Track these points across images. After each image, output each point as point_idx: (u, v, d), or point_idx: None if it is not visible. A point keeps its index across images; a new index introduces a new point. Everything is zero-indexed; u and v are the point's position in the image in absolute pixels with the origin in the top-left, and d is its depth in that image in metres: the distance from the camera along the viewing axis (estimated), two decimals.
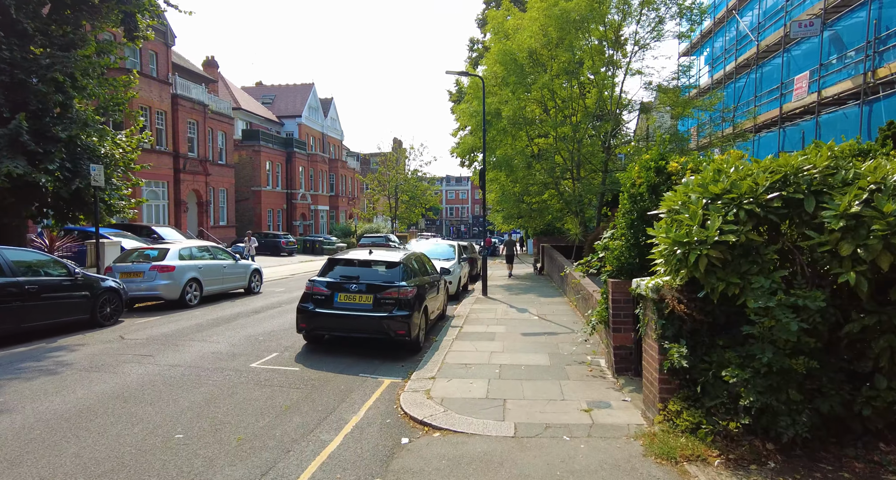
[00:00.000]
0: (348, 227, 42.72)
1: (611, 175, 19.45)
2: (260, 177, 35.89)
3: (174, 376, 5.85)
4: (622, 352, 5.92)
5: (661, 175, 5.85)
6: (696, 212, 3.82)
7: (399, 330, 7.00)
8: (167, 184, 25.18)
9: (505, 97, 17.54)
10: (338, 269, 7.54)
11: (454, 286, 13.05)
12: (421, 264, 8.75)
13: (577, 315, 10.22)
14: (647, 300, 4.53)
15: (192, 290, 11.26)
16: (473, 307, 11.31)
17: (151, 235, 19.04)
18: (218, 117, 30.91)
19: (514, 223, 24.52)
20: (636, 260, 5.82)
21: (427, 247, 14.79)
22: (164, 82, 24.48)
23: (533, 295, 13.45)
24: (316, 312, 7.09)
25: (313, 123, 45.16)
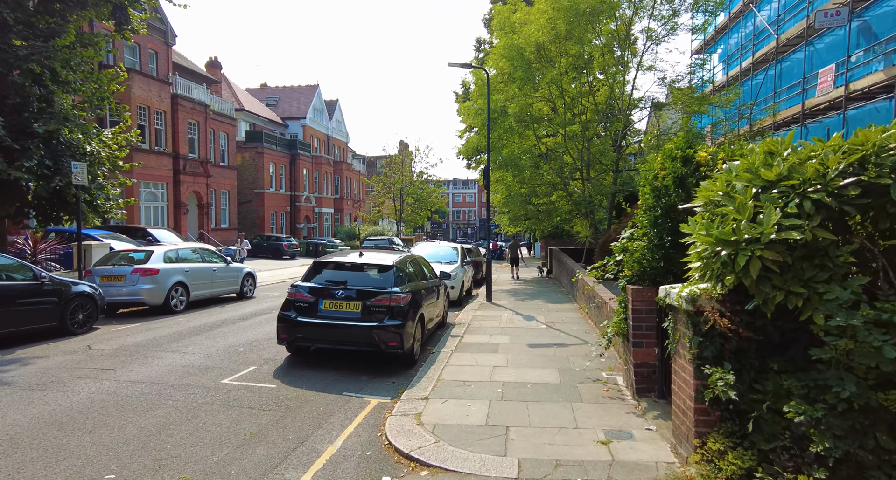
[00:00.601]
0: (353, 230, 42.14)
1: (622, 175, 18.65)
2: (263, 178, 35.42)
3: (131, 395, 5.15)
4: (644, 370, 5.14)
5: (689, 165, 5.07)
6: (745, 203, 3.05)
7: (391, 342, 6.26)
8: (166, 185, 24.70)
9: (511, 93, 16.81)
10: (324, 273, 6.83)
11: (456, 291, 12.30)
12: (418, 268, 8.02)
13: (588, 323, 9.42)
14: (678, 312, 3.76)
15: (178, 295, 10.61)
16: (476, 314, 10.54)
17: (146, 237, 18.50)
18: (220, 118, 30.48)
19: (520, 225, 23.73)
20: (660, 263, 5.05)
21: (429, 250, 14.06)
22: (163, 82, 24.05)
23: (540, 301, 12.65)
24: (298, 321, 6.37)
25: (318, 125, 44.73)
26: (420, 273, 7.98)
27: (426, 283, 7.94)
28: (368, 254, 7.30)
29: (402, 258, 7.35)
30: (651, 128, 18.48)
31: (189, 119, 26.59)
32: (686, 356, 3.62)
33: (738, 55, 21.60)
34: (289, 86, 45.62)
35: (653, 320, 5.10)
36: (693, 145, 5.21)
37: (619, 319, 5.53)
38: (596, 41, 17.28)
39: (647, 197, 5.24)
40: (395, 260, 7.00)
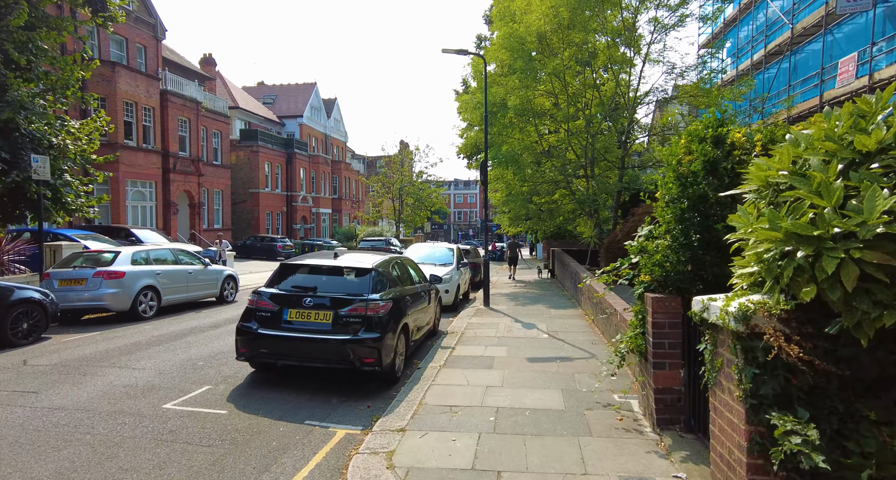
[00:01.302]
0: (351, 231, 41.29)
1: (627, 172, 17.73)
2: (258, 178, 34.61)
3: (41, 428, 4.26)
4: (667, 397, 4.23)
5: (721, 147, 4.18)
6: (830, 183, 2.15)
7: (366, 358, 5.37)
8: (155, 184, 23.88)
9: (511, 86, 15.92)
10: (292, 278, 5.94)
11: (451, 295, 11.40)
12: (403, 271, 7.12)
13: (595, 332, 8.51)
14: (722, 332, 2.85)
15: (148, 300, 9.74)
16: (472, 321, 9.64)
17: (129, 238, 17.66)
18: (213, 116, 29.68)
19: (521, 225, 22.83)
20: (687, 266, 4.14)
21: (423, 251, 13.18)
22: (152, 77, 23.24)
23: (542, 306, 11.74)
24: (259, 334, 5.48)
25: (315, 124, 43.93)
26: (406, 277, 7.09)
27: (413, 289, 7.05)
28: (345, 256, 6.41)
29: (383, 260, 6.46)
30: (656, 122, 17.54)
31: (180, 116, 25.78)
32: (734, 391, 2.71)
33: (748, 47, 20.67)
34: (286, 85, 44.86)
35: (677, 336, 4.20)
36: (725, 124, 4.31)
37: (635, 334, 4.62)
38: (601, 38, 16.42)
39: (669, 186, 4.33)
40: (374, 263, 6.10)
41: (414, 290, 7.07)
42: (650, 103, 18.14)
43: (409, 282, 7.11)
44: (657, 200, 4.75)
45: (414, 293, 6.99)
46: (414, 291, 7.05)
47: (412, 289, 6.98)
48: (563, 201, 19.88)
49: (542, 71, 15.84)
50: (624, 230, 14.57)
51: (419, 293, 7.30)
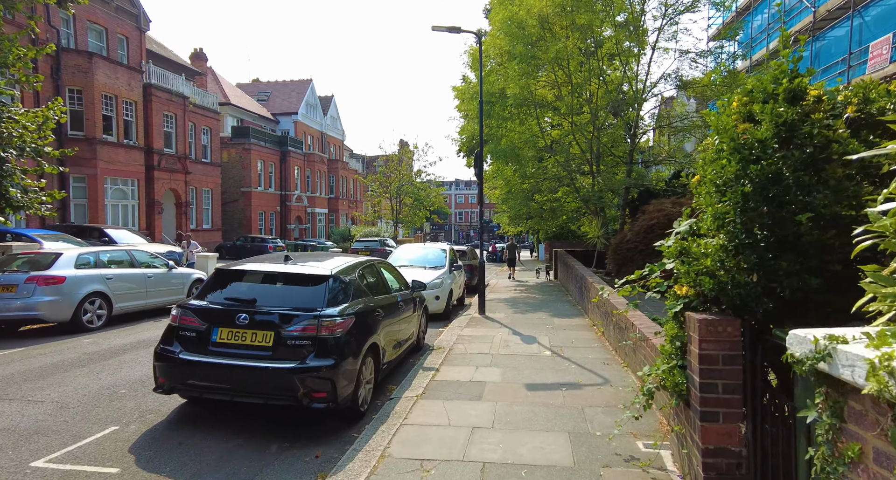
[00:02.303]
0: (347, 231, 40.13)
1: (636, 168, 16.51)
2: (250, 177, 33.48)
3: None
4: (721, 463, 2.99)
5: (798, 106, 2.95)
6: None
7: (317, 392, 4.16)
8: (137, 182, 22.73)
9: (511, 72, 14.70)
10: (229, 288, 4.73)
11: (442, 302, 10.18)
12: (376, 277, 5.91)
13: (606, 348, 7.27)
14: (864, 399, 1.62)
15: (95, 308, 8.55)
16: (463, 333, 8.41)
17: (102, 238, 16.50)
18: (202, 111, 28.58)
19: (522, 224, 21.60)
20: (751, 276, 2.90)
21: (413, 253, 11.97)
22: (134, 69, 22.11)
23: (543, 315, 10.51)
24: (181, 359, 4.27)
25: (311, 121, 42.80)
26: (379, 284, 5.87)
27: (388, 298, 5.84)
28: (301, 259, 5.20)
29: (348, 265, 5.24)
30: (667, 113, 16.29)
31: (165, 111, 24.65)
32: None
33: (765, 34, 19.41)
34: (280, 81, 43.76)
35: (736, 375, 2.96)
36: (800, 74, 3.09)
37: (671, 366, 3.39)
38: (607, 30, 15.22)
39: (723, 163, 3.10)
40: (334, 268, 4.89)
41: (389, 300, 5.86)
42: (660, 94, 16.93)
43: (384, 291, 5.89)
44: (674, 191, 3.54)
45: (389, 304, 5.78)
46: (389, 301, 5.83)
47: (387, 299, 5.77)
48: (566, 199, 18.66)
49: (543, 58, 14.60)
50: (634, 229, 13.33)
51: (397, 303, 6.08)
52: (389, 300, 5.88)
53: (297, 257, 5.28)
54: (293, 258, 5.17)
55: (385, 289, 5.95)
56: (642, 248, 12.93)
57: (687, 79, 14.67)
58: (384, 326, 5.40)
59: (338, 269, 4.91)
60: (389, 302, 5.83)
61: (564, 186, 18.28)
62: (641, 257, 13.09)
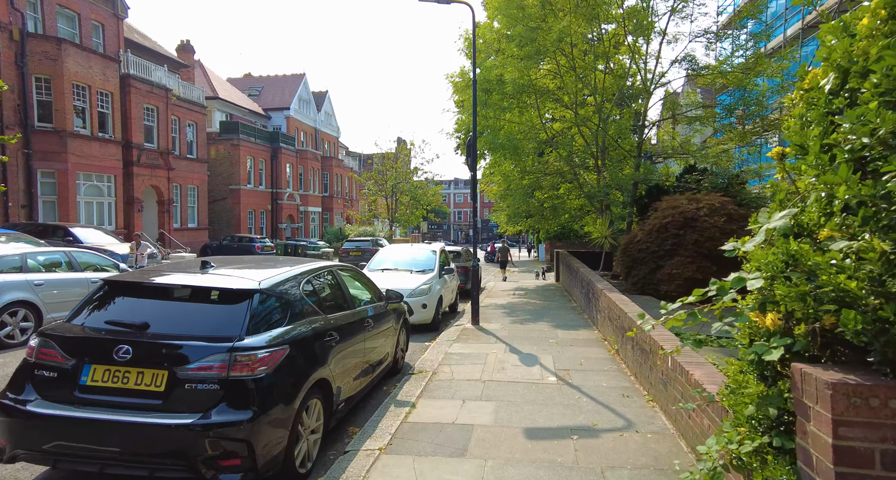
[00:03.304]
0: (342, 231, 38.88)
1: (644, 163, 15.25)
2: (240, 174, 32.19)
3: None
4: None
5: None
6: None
7: (226, 459, 2.90)
8: (114, 178, 21.44)
9: (509, 53, 13.43)
10: (115, 306, 3.45)
11: (430, 311, 8.92)
12: (332, 288, 4.63)
13: (623, 371, 6.01)
14: None
15: (18, 321, 7.28)
16: (452, 350, 7.13)
17: (66, 237, 15.24)
18: (186, 105, 27.29)
19: (521, 223, 20.34)
20: None
21: (399, 255, 10.70)
22: (109, 58, 20.80)
23: (546, 325, 9.24)
24: (30, 414, 3.00)
25: (304, 117, 41.51)
26: (336, 297, 4.60)
27: (350, 316, 4.58)
28: (227, 267, 3.92)
29: (289, 274, 3.96)
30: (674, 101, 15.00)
31: (145, 103, 23.36)
32: None
33: (783, 20, 18.13)
34: (272, 76, 42.46)
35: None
36: None
37: (757, 447, 2.12)
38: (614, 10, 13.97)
39: (868, 109, 1.82)
40: (265, 279, 3.61)
41: (352, 317, 4.59)
42: (669, 83, 15.66)
43: (344, 305, 4.62)
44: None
45: (351, 322, 4.51)
46: (352, 319, 4.57)
47: (348, 317, 4.50)
48: (568, 196, 17.43)
49: (544, 43, 13.31)
50: (645, 229, 12.07)
51: (363, 321, 4.82)
52: (352, 317, 4.61)
53: (222, 263, 4.00)
54: (217, 264, 3.89)
55: (345, 304, 4.67)
56: (655, 249, 11.67)
57: (702, 63, 13.39)
58: (341, 353, 4.14)
59: (270, 281, 3.63)
60: (352, 320, 4.56)
61: (567, 183, 17.05)
62: (654, 259, 11.83)
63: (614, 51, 15.79)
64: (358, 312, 4.81)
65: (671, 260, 11.11)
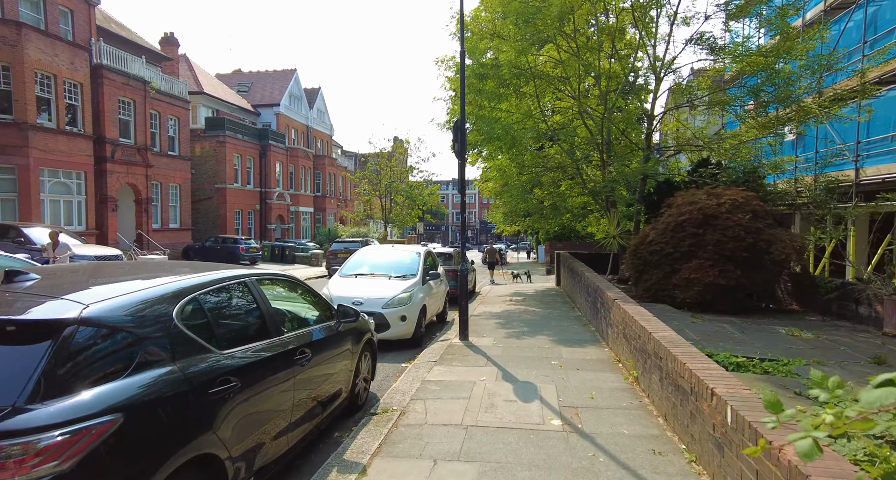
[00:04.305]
0: (335, 232, 37.48)
1: (653, 157, 13.91)
2: (226, 172, 30.81)
3: None
4: None
5: None
6: None
7: None
8: (84, 175, 20.06)
9: (505, 33, 12.09)
10: None
11: (410, 324, 7.55)
12: (244, 311, 3.27)
13: (645, 407, 4.65)
14: None
15: None
16: (431, 376, 5.77)
17: (17, 238, 13.87)
18: (168, 99, 25.93)
19: (519, 223, 18.97)
20: None
21: (378, 257, 9.33)
22: (78, 47, 19.44)
23: (546, 339, 7.87)
24: None
25: (295, 114, 40.16)
26: (247, 322, 3.24)
27: (266, 349, 3.21)
28: (60, 280, 2.56)
29: (159, 292, 2.58)
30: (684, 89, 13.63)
31: (120, 96, 21.99)
32: None
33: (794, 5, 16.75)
34: (262, 72, 41.12)
35: None
36: None
37: None
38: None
39: None
40: (98, 303, 2.24)
41: (271, 351, 3.23)
42: (681, 68, 14.30)
43: (258, 334, 3.25)
44: None
45: (267, 359, 3.15)
46: (270, 353, 3.21)
47: (259, 351, 3.13)
48: (570, 193, 16.08)
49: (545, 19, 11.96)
50: (658, 228, 10.71)
51: (289, 354, 3.45)
52: (274, 348, 3.26)
53: (49, 274, 2.64)
54: (46, 275, 2.53)
55: (264, 330, 3.31)
56: (669, 251, 10.30)
57: (719, 44, 12.01)
58: (247, 405, 2.79)
59: (109, 305, 2.26)
60: (272, 354, 3.20)
61: (568, 179, 15.70)
62: (668, 262, 10.46)
63: (620, 36, 14.48)
64: (286, 341, 3.44)
65: (689, 264, 9.77)
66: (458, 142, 7.68)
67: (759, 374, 5.27)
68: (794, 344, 6.74)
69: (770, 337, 7.16)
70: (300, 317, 3.99)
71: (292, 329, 3.67)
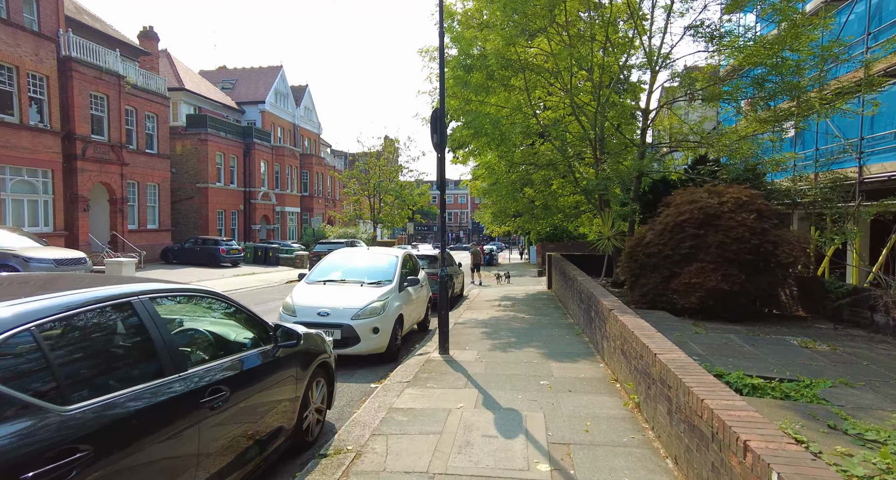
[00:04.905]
0: (322, 232, 36.53)
1: (649, 153, 13.21)
2: (208, 171, 29.78)
3: None
4: None
5: None
6: None
7: None
8: (51, 173, 19.02)
9: (491, 19, 11.33)
10: None
11: (383, 337, 6.75)
12: (124, 344, 2.45)
13: (650, 445, 3.88)
14: None
15: None
16: (399, 402, 4.97)
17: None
18: (145, 95, 24.91)
19: (509, 223, 18.21)
20: None
21: (351, 261, 8.50)
22: (43, 37, 18.41)
23: (535, 352, 7.11)
24: None
25: (281, 112, 39.16)
26: (128, 359, 2.43)
27: (152, 393, 2.39)
28: None
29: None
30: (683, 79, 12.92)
31: (92, 90, 20.97)
32: None
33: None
34: (247, 68, 40.05)
35: None
36: None
37: None
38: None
39: None
40: None
41: (161, 396, 2.42)
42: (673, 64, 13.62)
43: (145, 373, 2.44)
44: None
45: (151, 407, 2.34)
46: (158, 398, 2.40)
47: (142, 397, 2.32)
48: (561, 192, 15.35)
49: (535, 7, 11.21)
50: (655, 228, 9.99)
51: (192, 395, 2.64)
52: (174, 388, 2.45)
53: None
54: None
55: (160, 365, 2.49)
56: (668, 253, 9.56)
57: (723, 30, 11.33)
58: (117, 476, 1.97)
59: None
60: (167, 397, 2.40)
61: (560, 177, 14.99)
62: (667, 265, 9.72)
63: (614, 28, 13.78)
64: (190, 378, 2.63)
65: (689, 267, 9.05)
66: (437, 132, 6.89)
67: (780, 399, 4.54)
68: (811, 358, 6.03)
69: (783, 350, 6.45)
70: (221, 344, 3.19)
71: (204, 361, 2.86)
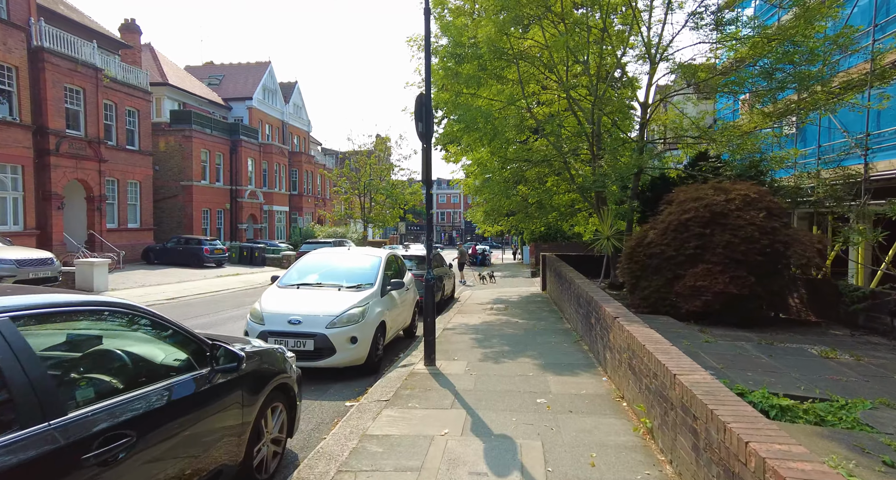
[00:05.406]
0: (311, 232, 35.71)
1: (648, 149, 12.63)
2: (192, 168, 28.86)
3: None
4: None
5: None
6: None
7: None
8: (21, 169, 18.11)
9: (483, 7, 10.67)
10: None
11: (362, 347, 6.07)
12: None
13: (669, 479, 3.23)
14: None
15: None
16: (374, 431, 4.29)
17: None
18: (125, 89, 24.02)
19: (502, 222, 17.56)
20: None
21: (329, 262, 7.80)
22: (13, 26, 17.50)
23: (530, 363, 6.46)
24: None
25: (269, 109, 38.27)
26: None
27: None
28: None
29: None
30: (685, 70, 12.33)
31: (67, 83, 20.05)
32: None
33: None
34: (235, 64, 39.11)
35: None
36: None
37: None
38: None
39: None
40: None
41: (35, 446, 1.72)
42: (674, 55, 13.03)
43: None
44: None
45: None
46: (35, 449, 1.70)
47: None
48: (556, 190, 14.74)
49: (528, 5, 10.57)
50: (658, 228, 9.37)
51: (57, 455, 1.94)
52: (34, 445, 1.75)
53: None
54: None
55: (20, 412, 1.80)
56: (671, 254, 8.94)
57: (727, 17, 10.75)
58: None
59: None
60: (20, 460, 1.70)
61: (555, 174, 14.38)
62: (670, 266, 9.11)
63: (611, 20, 13.19)
64: (69, 426, 1.94)
65: (694, 269, 8.45)
66: (423, 121, 6.22)
67: (815, 425, 3.91)
68: (838, 372, 5.43)
69: (804, 361, 5.85)
70: (136, 372, 2.49)
71: (100, 397, 2.17)
